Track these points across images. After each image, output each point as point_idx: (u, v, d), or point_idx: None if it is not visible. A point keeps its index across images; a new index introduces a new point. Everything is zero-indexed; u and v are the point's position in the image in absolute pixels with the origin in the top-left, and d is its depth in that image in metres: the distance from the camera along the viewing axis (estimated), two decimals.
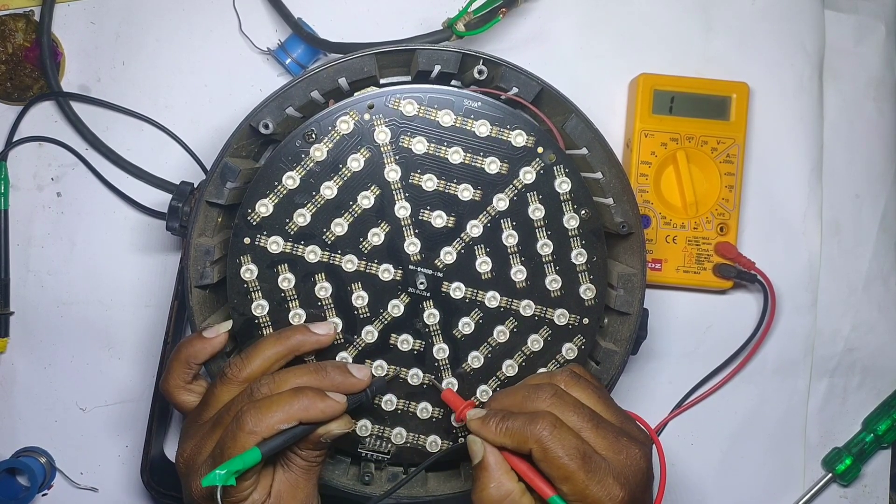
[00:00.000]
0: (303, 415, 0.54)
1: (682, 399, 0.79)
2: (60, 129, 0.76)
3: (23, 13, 0.75)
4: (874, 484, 0.81)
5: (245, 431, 0.53)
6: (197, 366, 0.59)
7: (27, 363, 0.76)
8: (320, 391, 0.56)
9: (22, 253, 0.76)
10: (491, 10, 0.70)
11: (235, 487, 0.54)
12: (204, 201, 0.63)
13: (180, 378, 0.59)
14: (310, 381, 0.57)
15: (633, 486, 0.54)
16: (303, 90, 0.63)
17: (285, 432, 0.54)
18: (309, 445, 0.56)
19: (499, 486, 0.55)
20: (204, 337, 0.59)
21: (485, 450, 0.55)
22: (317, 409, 0.55)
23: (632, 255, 0.66)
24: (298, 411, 0.54)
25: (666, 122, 0.75)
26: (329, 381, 0.57)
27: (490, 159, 0.62)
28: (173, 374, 0.59)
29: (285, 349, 0.59)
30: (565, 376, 0.58)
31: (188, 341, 0.60)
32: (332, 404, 0.55)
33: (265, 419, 0.53)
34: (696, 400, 0.79)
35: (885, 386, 0.81)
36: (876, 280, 0.80)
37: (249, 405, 0.54)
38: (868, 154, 0.80)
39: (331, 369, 0.58)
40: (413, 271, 0.63)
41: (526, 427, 0.54)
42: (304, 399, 0.55)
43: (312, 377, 0.57)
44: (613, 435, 0.55)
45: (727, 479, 0.80)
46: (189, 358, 0.59)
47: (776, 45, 0.79)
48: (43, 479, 0.74)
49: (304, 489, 0.58)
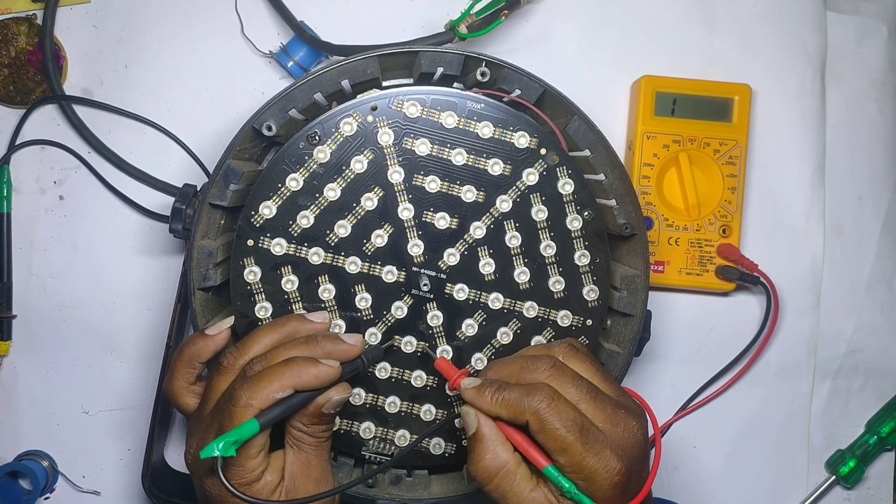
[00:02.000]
0: (296, 381, 0.54)
1: (686, 401, 0.79)
2: (63, 132, 0.76)
3: (25, 17, 0.75)
4: (878, 486, 0.81)
5: (240, 406, 0.53)
6: (201, 365, 0.59)
7: (29, 366, 0.76)
8: (312, 358, 0.55)
9: (24, 256, 0.76)
10: (493, 12, 0.70)
11: (243, 468, 0.54)
12: (207, 203, 0.63)
13: (184, 379, 0.59)
14: (302, 352, 0.56)
15: (631, 459, 0.53)
16: (306, 92, 0.63)
17: (283, 402, 0.54)
18: (313, 419, 0.56)
19: (494, 457, 0.54)
20: (206, 335, 0.59)
21: (479, 420, 0.55)
22: (310, 374, 0.54)
23: (635, 257, 0.66)
24: (291, 378, 0.54)
25: (668, 124, 0.75)
26: (321, 350, 0.57)
27: (493, 161, 0.62)
28: (177, 374, 0.59)
29: (280, 336, 0.58)
30: (563, 348, 0.58)
31: (191, 340, 0.60)
32: (325, 369, 0.55)
33: (259, 391, 0.53)
34: (700, 403, 0.79)
35: (889, 388, 0.81)
36: (879, 282, 0.80)
37: (242, 381, 0.54)
38: (871, 155, 0.80)
39: (321, 338, 0.57)
40: (416, 273, 0.63)
41: (523, 398, 0.53)
42: (295, 367, 0.54)
43: (304, 348, 0.57)
44: (611, 407, 0.54)
45: (731, 482, 0.79)
46: (193, 357, 0.59)
47: (778, 46, 0.79)
48: (45, 482, 0.74)
49: (317, 467, 0.57)
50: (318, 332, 0.59)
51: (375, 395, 0.64)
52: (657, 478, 0.78)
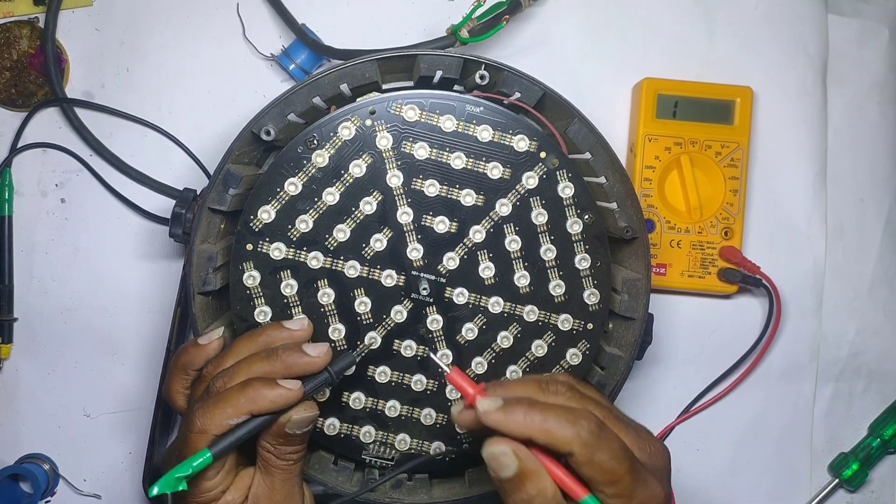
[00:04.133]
0: (251, 407, 0.53)
1: (689, 404, 0.79)
2: (64, 135, 0.76)
3: (27, 20, 0.75)
4: (881, 489, 0.81)
5: (195, 431, 0.52)
6: (195, 372, 0.59)
7: (31, 369, 0.76)
8: (270, 380, 0.54)
9: (26, 259, 0.76)
10: (495, 16, 0.70)
11: (198, 488, 0.53)
12: (206, 208, 0.63)
13: (180, 384, 0.59)
14: (262, 369, 0.55)
15: (667, 482, 0.52)
16: (305, 96, 0.63)
17: (239, 427, 0.53)
18: (278, 440, 0.55)
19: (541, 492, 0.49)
20: (199, 344, 0.59)
21: (520, 457, 0.48)
22: (265, 399, 0.53)
23: (636, 260, 0.66)
24: (246, 404, 0.52)
25: (669, 126, 0.75)
26: (281, 365, 0.55)
27: (492, 164, 0.62)
28: (173, 380, 0.60)
29: (257, 347, 0.57)
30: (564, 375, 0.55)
31: (184, 349, 0.60)
32: (283, 392, 0.53)
33: (214, 417, 0.52)
34: (703, 406, 0.78)
35: (891, 390, 0.81)
36: (881, 284, 0.80)
37: (200, 404, 0.54)
38: (872, 158, 0.80)
39: (282, 352, 0.56)
40: (416, 277, 0.63)
41: (566, 426, 0.47)
42: (249, 391, 0.53)
43: (264, 364, 0.55)
44: (635, 432, 0.51)
45: (733, 485, 0.79)
46: (186, 365, 0.59)
47: (779, 49, 0.78)
48: (46, 485, 0.74)
49: (280, 491, 0.56)
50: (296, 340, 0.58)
51: (375, 399, 0.64)
52: None
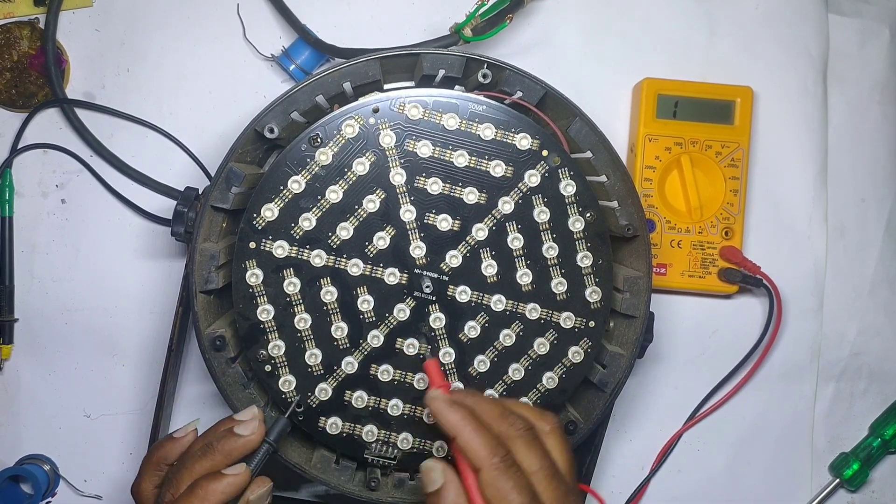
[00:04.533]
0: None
1: (694, 410, 0.78)
2: (65, 136, 0.76)
3: (28, 21, 0.75)
4: (882, 489, 0.81)
5: None
6: (167, 467, 0.59)
7: (31, 370, 0.76)
8: (215, 474, 0.55)
9: (26, 260, 0.76)
10: (498, 14, 0.70)
11: None
12: (209, 206, 0.63)
13: (150, 482, 0.59)
14: (203, 466, 0.56)
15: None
16: (308, 95, 0.63)
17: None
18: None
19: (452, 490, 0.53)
20: (174, 438, 0.59)
21: (445, 478, 0.53)
22: (217, 493, 0.54)
23: (637, 259, 0.66)
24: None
25: (670, 126, 0.75)
26: (220, 456, 0.56)
27: (495, 162, 0.62)
28: (144, 477, 0.59)
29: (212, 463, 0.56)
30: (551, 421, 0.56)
31: (159, 444, 0.60)
32: (231, 480, 0.55)
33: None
34: (707, 411, 0.78)
35: (892, 390, 0.81)
36: (882, 284, 0.80)
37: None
38: (873, 157, 0.80)
39: (216, 443, 0.57)
40: (419, 275, 0.63)
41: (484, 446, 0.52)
42: (199, 491, 0.54)
43: (204, 461, 0.56)
44: (563, 491, 0.53)
45: (734, 485, 0.79)
46: (160, 459, 0.59)
47: (780, 49, 0.79)
48: (46, 486, 0.74)
49: None
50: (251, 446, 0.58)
51: (378, 399, 0.64)
52: (662, 481, 0.79)
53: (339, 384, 0.63)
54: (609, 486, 0.78)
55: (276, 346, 0.63)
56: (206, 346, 0.63)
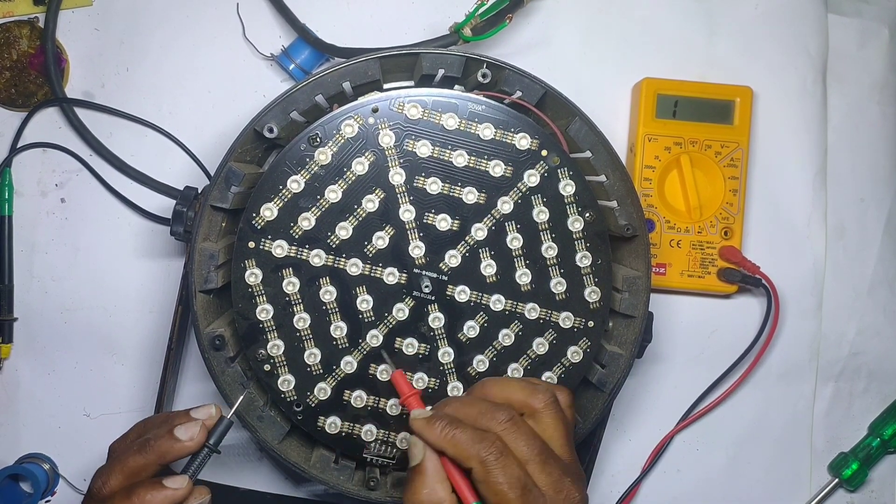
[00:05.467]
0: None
1: (687, 410, 0.78)
2: (64, 135, 0.76)
3: (27, 20, 0.75)
4: (881, 489, 0.81)
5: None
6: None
7: (31, 369, 0.76)
8: (155, 483, 0.54)
9: (26, 259, 0.76)
10: (497, 14, 0.70)
11: None
12: (208, 206, 0.63)
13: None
14: (136, 462, 0.55)
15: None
16: (307, 94, 0.63)
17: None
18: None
19: (431, 492, 0.53)
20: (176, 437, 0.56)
21: (425, 454, 0.54)
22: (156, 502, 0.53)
23: (636, 258, 0.66)
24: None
25: (669, 126, 0.75)
26: (153, 455, 0.55)
27: (494, 162, 0.62)
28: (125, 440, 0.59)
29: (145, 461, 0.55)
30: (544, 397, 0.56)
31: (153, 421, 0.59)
32: (169, 494, 0.54)
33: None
34: (701, 412, 0.78)
35: (891, 390, 0.81)
36: (881, 284, 0.80)
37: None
38: (872, 157, 0.80)
39: (153, 441, 0.55)
40: (418, 275, 0.63)
41: (473, 444, 0.52)
42: (135, 499, 0.53)
43: (137, 457, 0.55)
44: (558, 473, 0.53)
45: (733, 485, 0.79)
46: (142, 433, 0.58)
47: (780, 49, 0.79)
48: (46, 485, 0.74)
49: None
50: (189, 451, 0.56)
51: (377, 398, 0.64)
52: (661, 481, 0.79)
53: (338, 384, 0.63)
54: (608, 485, 0.78)
55: (275, 345, 0.63)
56: (206, 346, 0.63)
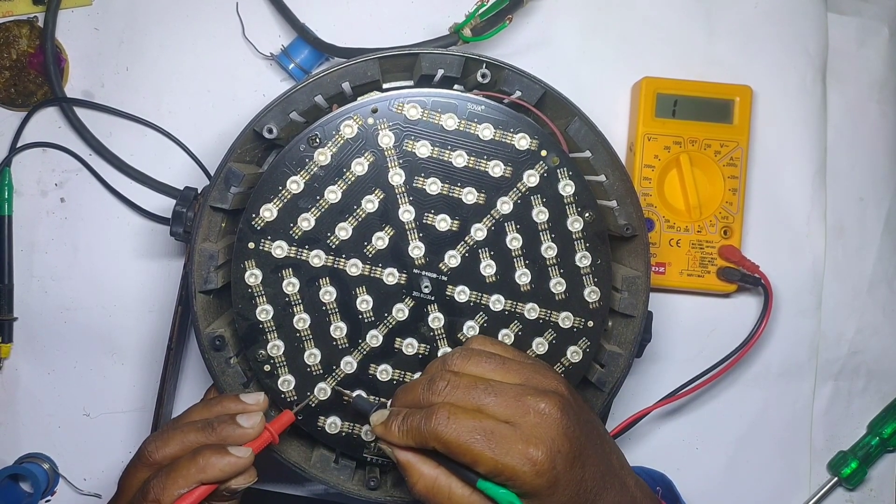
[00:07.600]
0: (201, 476, 0.53)
1: (667, 394, 0.76)
2: (64, 134, 0.76)
3: (27, 19, 0.75)
4: (880, 488, 0.81)
5: (148, 501, 0.53)
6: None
7: (30, 369, 0.76)
8: (220, 448, 0.54)
9: (25, 258, 0.76)
10: (497, 14, 0.70)
11: None
12: (208, 206, 0.63)
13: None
14: (197, 439, 0.55)
15: (551, 440, 0.52)
16: (307, 95, 0.63)
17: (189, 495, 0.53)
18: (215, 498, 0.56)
19: (421, 476, 0.54)
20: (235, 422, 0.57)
21: (394, 451, 0.55)
22: (215, 469, 0.54)
23: (636, 258, 0.66)
24: (196, 474, 0.53)
25: (669, 125, 0.75)
26: (215, 438, 0.55)
27: (494, 162, 0.62)
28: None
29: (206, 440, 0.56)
30: (456, 357, 0.57)
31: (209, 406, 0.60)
32: (233, 461, 0.54)
33: (167, 487, 0.53)
34: (679, 395, 0.75)
35: (890, 389, 0.81)
36: (880, 283, 0.80)
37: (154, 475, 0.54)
38: (872, 156, 0.80)
39: (217, 425, 0.56)
40: (417, 275, 0.63)
41: (423, 425, 0.53)
42: (199, 460, 0.54)
43: (199, 435, 0.56)
44: (514, 398, 0.53)
45: (733, 483, 0.79)
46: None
47: (779, 48, 0.79)
48: (46, 485, 0.74)
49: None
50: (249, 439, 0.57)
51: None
52: None
53: (339, 384, 0.63)
54: None
55: (275, 345, 0.63)
56: (206, 346, 0.63)
